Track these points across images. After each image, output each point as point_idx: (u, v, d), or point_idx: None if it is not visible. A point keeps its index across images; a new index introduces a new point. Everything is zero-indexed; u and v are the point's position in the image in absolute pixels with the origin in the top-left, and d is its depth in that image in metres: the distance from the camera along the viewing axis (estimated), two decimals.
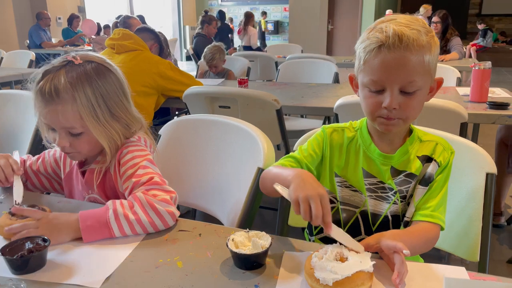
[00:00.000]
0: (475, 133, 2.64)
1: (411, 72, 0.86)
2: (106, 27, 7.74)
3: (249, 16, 7.89)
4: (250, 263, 0.80)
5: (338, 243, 0.80)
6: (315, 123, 2.98)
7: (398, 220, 1.01)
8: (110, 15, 9.21)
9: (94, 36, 7.47)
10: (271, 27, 12.19)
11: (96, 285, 0.76)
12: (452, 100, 1.67)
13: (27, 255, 0.79)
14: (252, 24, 7.90)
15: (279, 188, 0.86)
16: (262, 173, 1.01)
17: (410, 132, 1.00)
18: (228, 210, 1.27)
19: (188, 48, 7.45)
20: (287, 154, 1.03)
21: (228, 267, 0.81)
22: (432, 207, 0.95)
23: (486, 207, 1.07)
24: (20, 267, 0.79)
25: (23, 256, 0.79)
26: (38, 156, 1.26)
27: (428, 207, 0.95)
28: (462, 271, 0.78)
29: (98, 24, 8.00)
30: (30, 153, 1.65)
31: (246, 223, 1.16)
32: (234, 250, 0.80)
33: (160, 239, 0.92)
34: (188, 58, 11.41)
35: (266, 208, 2.45)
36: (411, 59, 0.86)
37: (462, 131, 1.63)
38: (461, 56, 4.38)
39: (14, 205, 1.02)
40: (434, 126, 1.14)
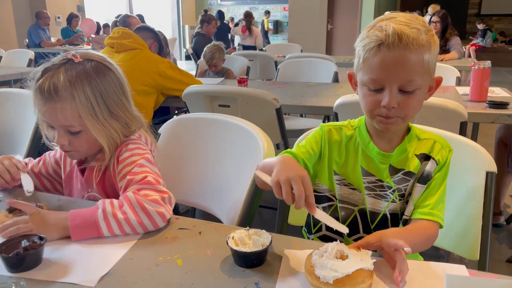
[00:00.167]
0: (475, 132, 2.65)
1: (410, 71, 0.86)
2: (106, 26, 7.73)
3: (250, 16, 7.90)
4: (251, 261, 0.80)
5: (338, 241, 0.80)
6: (314, 122, 2.97)
7: (397, 218, 1.01)
8: (109, 14, 9.20)
9: (93, 36, 7.46)
10: (270, 26, 12.18)
11: (91, 283, 0.75)
12: (451, 99, 1.67)
13: (23, 253, 0.79)
14: (253, 24, 7.91)
15: (259, 173, 0.86)
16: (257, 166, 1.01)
17: (408, 130, 1.00)
18: (227, 208, 1.26)
19: (187, 47, 7.44)
20: (284, 150, 1.03)
21: (228, 265, 0.81)
22: (431, 205, 0.95)
23: (486, 206, 1.08)
24: (15, 265, 0.79)
25: (19, 254, 0.78)
26: (39, 158, 1.26)
27: (427, 205, 0.95)
28: (462, 269, 0.78)
29: (98, 23, 7.99)
30: (30, 151, 1.65)
31: (246, 222, 1.16)
32: (234, 248, 0.79)
33: (160, 237, 0.92)
34: (188, 58, 11.40)
35: (265, 207, 2.45)
36: (410, 58, 0.85)
37: (461, 130, 1.63)
38: (460, 56, 4.39)
39: (26, 194, 1.05)
40: (434, 125, 1.15)
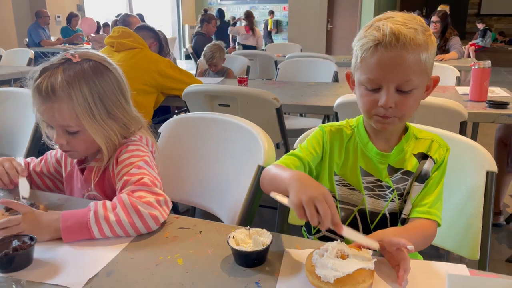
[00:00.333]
0: (475, 132, 2.65)
1: (407, 71, 0.86)
2: (106, 25, 7.73)
3: (251, 16, 7.89)
4: (251, 261, 0.80)
5: (339, 240, 0.79)
6: (314, 122, 2.98)
7: (396, 217, 1.01)
8: (109, 13, 9.19)
9: (93, 35, 7.45)
10: (272, 26, 12.17)
11: (78, 286, 0.75)
12: (451, 99, 1.67)
13: (12, 253, 0.78)
14: (254, 24, 7.93)
15: (278, 197, 0.83)
16: (263, 172, 1.00)
17: (406, 129, 1.00)
18: (228, 208, 1.26)
19: (187, 46, 7.45)
20: (289, 152, 1.02)
21: (229, 265, 0.81)
22: (429, 203, 0.95)
23: (486, 205, 1.07)
24: (5, 265, 0.78)
25: (8, 254, 0.78)
26: (41, 158, 1.26)
27: (425, 204, 0.95)
28: (463, 269, 0.78)
29: (98, 23, 7.99)
30: (30, 150, 1.65)
31: (246, 221, 1.16)
32: (235, 247, 0.79)
33: (160, 236, 0.92)
34: (188, 57, 11.39)
35: (266, 207, 2.44)
36: (407, 58, 0.85)
37: (461, 130, 1.63)
38: (460, 56, 4.39)
39: (21, 199, 1.04)
40: (434, 125, 1.15)
